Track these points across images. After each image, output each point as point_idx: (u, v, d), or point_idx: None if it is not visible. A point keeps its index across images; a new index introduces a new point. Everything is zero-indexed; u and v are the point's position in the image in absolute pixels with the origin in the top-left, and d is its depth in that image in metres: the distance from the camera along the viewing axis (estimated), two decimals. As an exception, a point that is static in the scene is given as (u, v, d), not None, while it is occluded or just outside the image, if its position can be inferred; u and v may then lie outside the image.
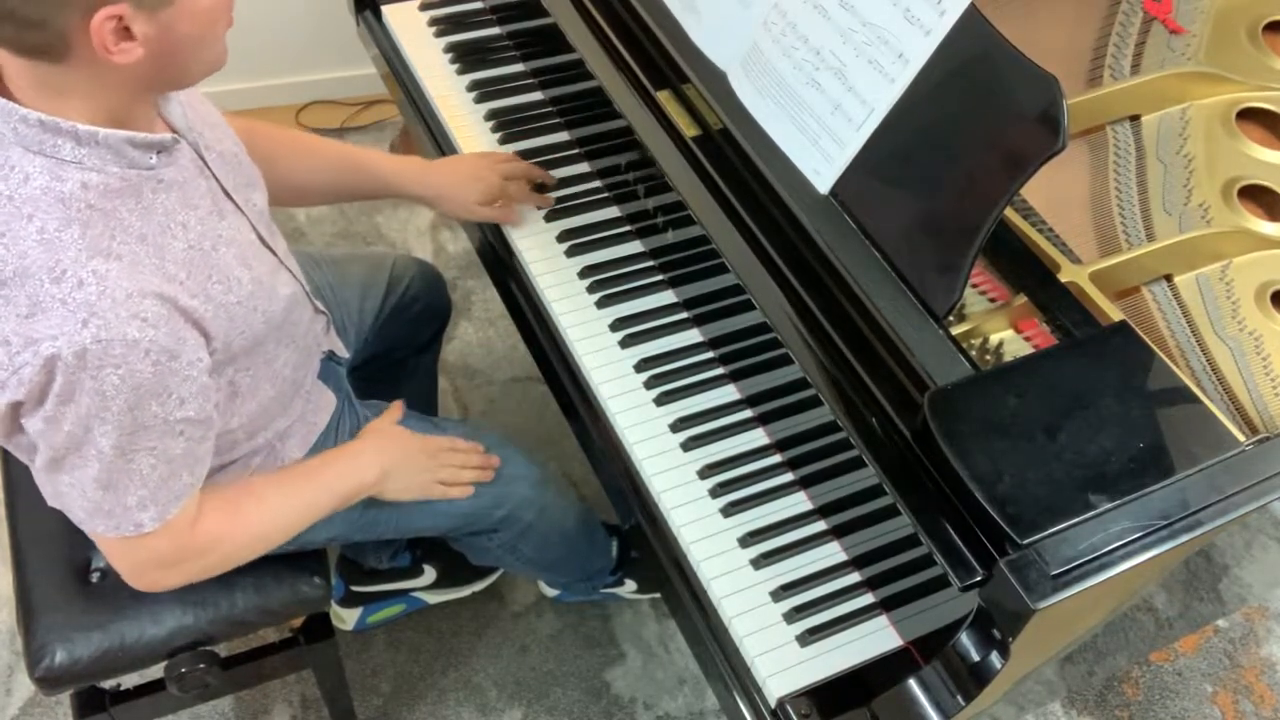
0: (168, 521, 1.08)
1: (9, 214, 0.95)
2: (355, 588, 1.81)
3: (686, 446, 1.30)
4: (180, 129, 1.09)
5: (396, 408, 1.42)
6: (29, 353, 0.94)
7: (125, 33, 0.92)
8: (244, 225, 1.15)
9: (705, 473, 1.28)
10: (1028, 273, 1.15)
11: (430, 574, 1.83)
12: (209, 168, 1.12)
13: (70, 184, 0.96)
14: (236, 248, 1.11)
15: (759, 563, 1.21)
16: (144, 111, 1.04)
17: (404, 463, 1.33)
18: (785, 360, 1.22)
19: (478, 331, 2.31)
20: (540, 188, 1.54)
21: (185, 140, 1.08)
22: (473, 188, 1.47)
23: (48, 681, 1.26)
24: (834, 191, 1.14)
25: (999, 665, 0.97)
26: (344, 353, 1.45)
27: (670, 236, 1.42)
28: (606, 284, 1.44)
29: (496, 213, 1.49)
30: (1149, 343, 1.05)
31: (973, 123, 1.04)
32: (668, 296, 1.44)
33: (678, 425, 1.32)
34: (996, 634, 0.97)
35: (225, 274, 1.08)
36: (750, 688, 1.16)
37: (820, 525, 1.25)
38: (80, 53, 0.92)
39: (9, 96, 0.96)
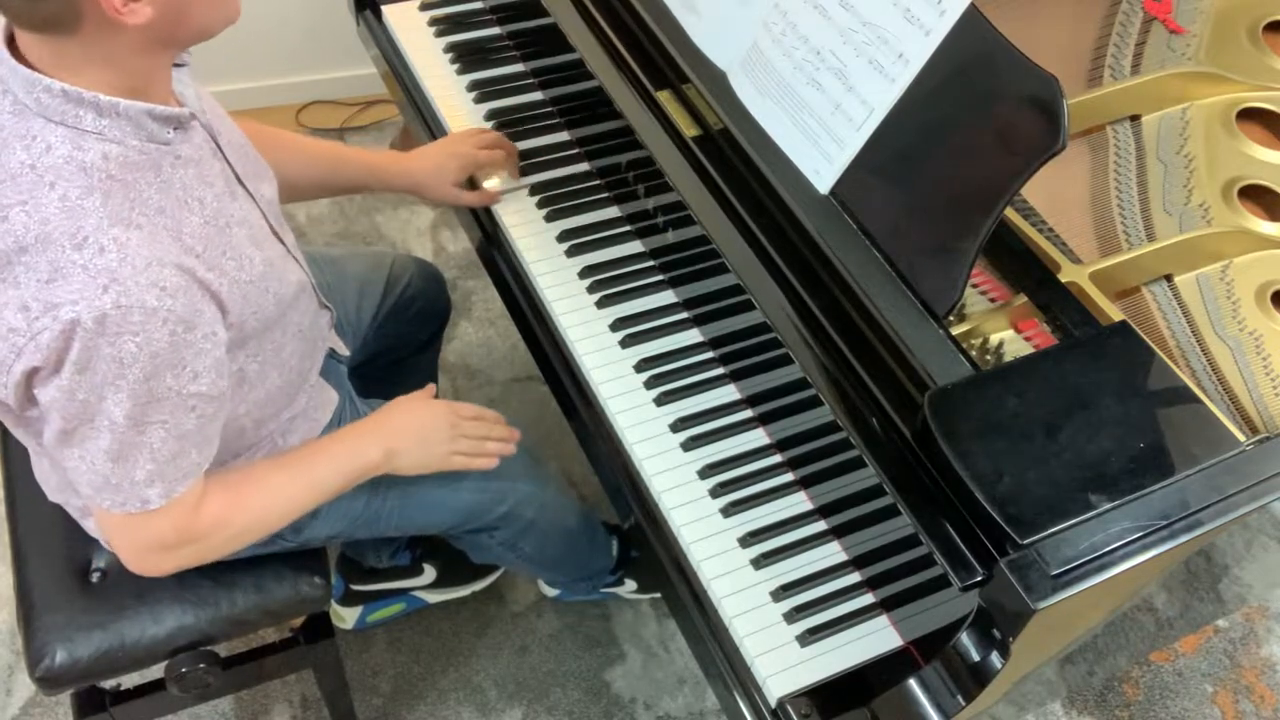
0: (173, 500, 1.08)
1: (31, 182, 0.96)
2: (355, 586, 1.81)
3: (686, 446, 1.30)
4: (194, 110, 1.10)
5: (429, 389, 1.39)
6: (48, 318, 0.94)
7: None
8: (254, 210, 1.17)
9: (705, 473, 1.28)
10: (1028, 273, 1.15)
11: (430, 573, 1.83)
12: (221, 151, 1.13)
13: (91, 154, 0.97)
14: (248, 229, 1.12)
15: (759, 563, 1.21)
16: (161, 83, 1.04)
17: (415, 439, 1.30)
18: (785, 360, 1.22)
19: (478, 331, 2.31)
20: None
21: (199, 121, 1.10)
22: (452, 166, 1.50)
23: (48, 681, 1.26)
24: (834, 191, 1.14)
25: (999, 665, 0.97)
26: (344, 351, 1.46)
27: (670, 236, 1.42)
28: (606, 284, 1.44)
29: (479, 196, 1.52)
30: (1149, 343, 1.05)
31: (973, 123, 1.04)
32: (668, 296, 1.44)
33: (678, 425, 1.32)
34: (996, 634, 0.97)
35: (239, 252, 1.08)
36: (750, 688, 1.16)
37: (820, 525, 1.25)
38: (91, 19, 0.92)
39: (31, 68, 0.97)
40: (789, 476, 1.29)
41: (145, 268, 0.96)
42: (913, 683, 1.04)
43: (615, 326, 1.40)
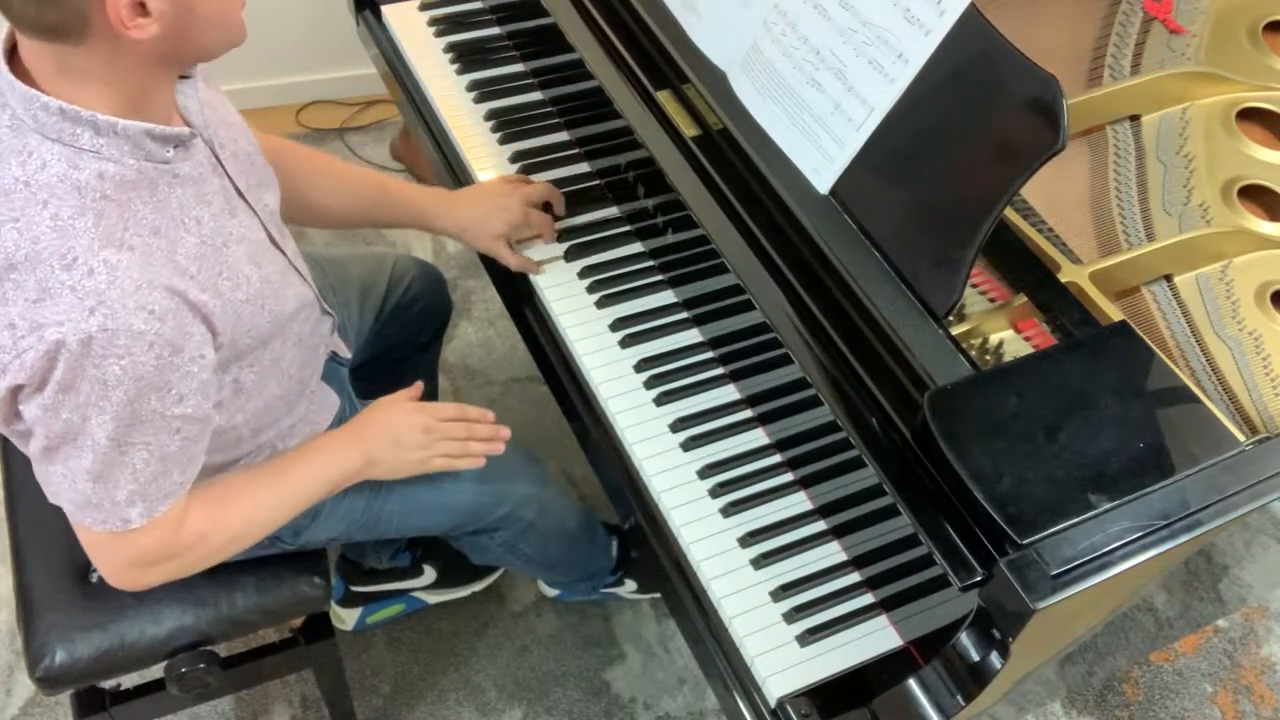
0: (154, 519, 1.08)
1: (25, 199, 0.96)
2: (355, 588, 1.81)
3: (686, 446, 1.30)
4: (197, 125, 1.09)
5: (416, 389, 1.38)
6: (34, 337, 0.94)
7: (140, 8, 0.92)
8: (255, 225, 1.16)
9: (705, 473, 1.28)
10: (1028, 273, 1.15)
11: (430, 574, 1.83)
12: (222, 166, 1.13)
13: (87, 173, 0.97)
14: (247, 246, 1.12)
15: (759, 563, 1.21)
16: (163, 97, 1.04)
17: (392, 443, 1.28)
18: (785, 360, 1.22)
19: (478, 331, 2.31)
20: (548, 208, 1.51)
21: (201, 137, 1.09)
22: (498, 219, 1.44)
23: (48, 681, 1.26)
24: (834, 191, 1.14)
25: (999, 665, 0.97)
26: (346, 353, 1.46)
27: (670, 236, 1.42)
28: (606, 284, 1.44)
29: (524, 262, 1.46)
30: (1149, 343, 1.05)
31: (973, 123, 1.04)
32: (668, 296, 1.44)
33: (678, 425, 1.32)
34: (996, 634, 0.97)
35: (235, 271, 1.08)
36: (750, 688, 1.16)
37: (820, 525, 1.25)
38: (98, 31, 0.92)
39: (31, 83, 0.96)
40: (789, 476, 1.29)
41: (134, 291, 0.95)
42: (912, 683, 1.04)
43: (615, 326, 1.40)
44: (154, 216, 1.01)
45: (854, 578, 1.21)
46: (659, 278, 1.45)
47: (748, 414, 1.34)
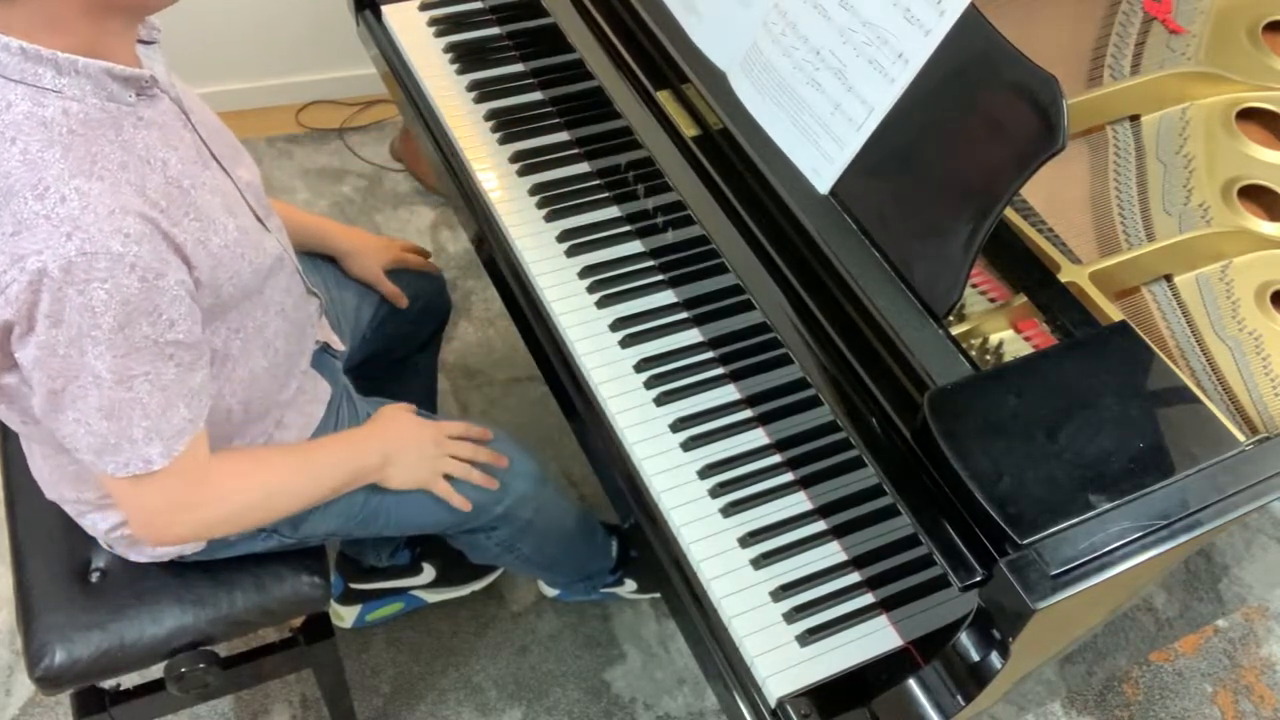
0: (176, 459, 1.08)
1: None
2: (354, 585, 1.81)
3: (686, 446, 1.30)
4: (163, 85, 1.10)
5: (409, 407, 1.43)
6: (16, 270, 0.95)
7: None
8: (229, 186, 1.16)
9: (705, 473, 1.28)
10: (1028, 273, 1.15)
11: (429, 572, 1.83)
12: (193, 125, 1.13)
13: (51, 110, 0.97)
14: (221, 198, 1.12)
15: (759, 563, 1.21)
16: (121, 51, 1.04)
17: (408, 450, 1.34)
18: (785, 360, 1.22)
19: (478, 331, 2.31)
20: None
21: (168, 96, 1.10)
22: (383, 251, 1.60)
23: (47, 681, 1.26)
24: (834, 191, 1.14)
25: (999, 665, 0.97)
26: (338, 346, 1.45)
27: (670, 236, 1.42)
28: (606, 284, 1.44)
29: (390, 289, 1.61)
30: (1149, 343, 1.05)
31: (972, 123, 1.04)
32: (668, 296, 1.44)
33: (678, 425, 1.32)
34: (996, 634, 0.97)
35: (206, 215, 1.08)
36: (750, 688, 1.16)
37: (820, 525, 1.25)
38: None
39: None
40: (789, 476, 1.29)
41: (108, 215, 0.96)
42: (912, 683, 1.04)
43: (615, 326, 1.40)
44: (120, 154, 1.01)
45: (854, 578, 1.21)
46: (659, 278, 1.45)
47: (748, 414, 1.34)
